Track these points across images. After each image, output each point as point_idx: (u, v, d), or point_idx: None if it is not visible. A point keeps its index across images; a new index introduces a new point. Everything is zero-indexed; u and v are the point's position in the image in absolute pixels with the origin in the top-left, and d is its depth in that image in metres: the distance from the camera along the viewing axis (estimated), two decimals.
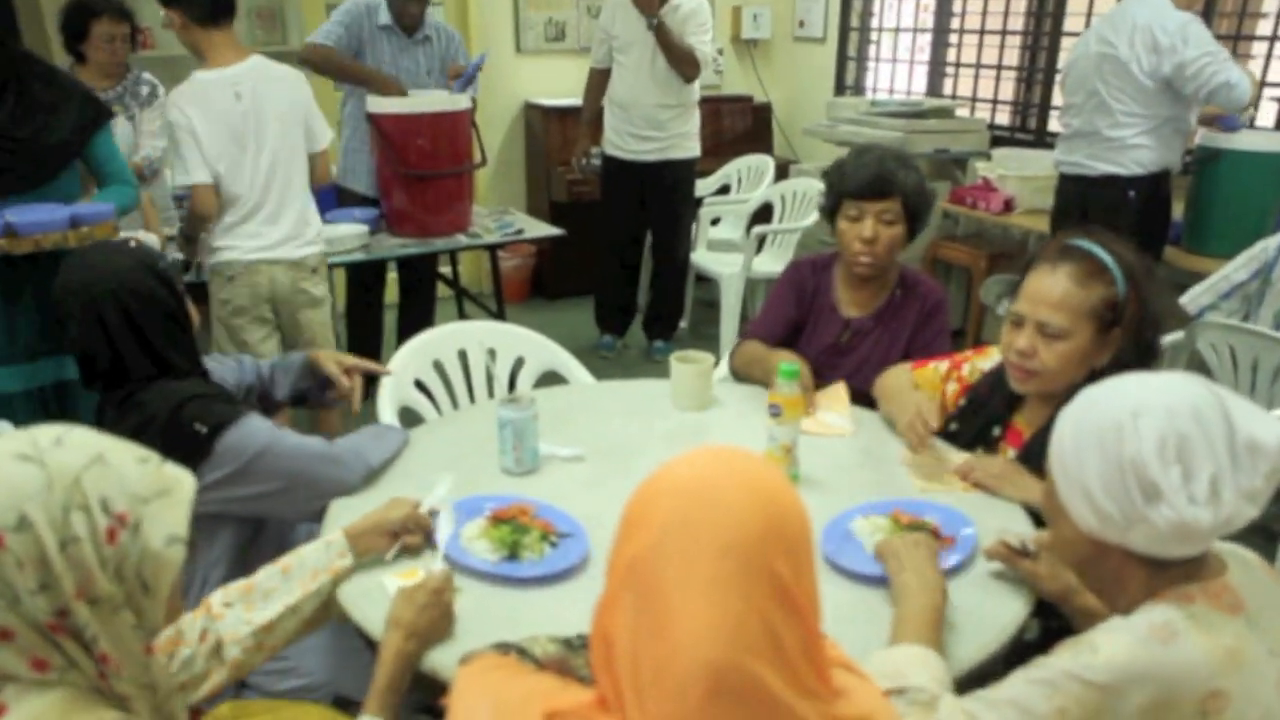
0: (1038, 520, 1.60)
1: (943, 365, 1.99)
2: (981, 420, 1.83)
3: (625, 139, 4.34)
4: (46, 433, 1.01)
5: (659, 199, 4.42)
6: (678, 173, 4.40)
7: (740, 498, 0.85)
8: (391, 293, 4.15)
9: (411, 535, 1.54)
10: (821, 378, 2.14)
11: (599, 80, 4.41)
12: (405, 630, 1.32)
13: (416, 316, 3.99)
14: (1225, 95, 3.12)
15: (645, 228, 4.59)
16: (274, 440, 1.69)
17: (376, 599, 1.43)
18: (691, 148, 4.41)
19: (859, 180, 2.12)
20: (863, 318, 2.22)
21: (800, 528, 0.88)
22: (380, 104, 3.52)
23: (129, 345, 1.69)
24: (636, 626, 0.83)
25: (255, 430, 1.68)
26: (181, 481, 1.07)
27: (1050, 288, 1.64)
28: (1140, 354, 1.65)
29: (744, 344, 2.30)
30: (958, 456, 1.82)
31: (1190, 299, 2.94)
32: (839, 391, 2.09)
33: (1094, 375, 1.63)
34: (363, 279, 3.91)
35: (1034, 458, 1.67)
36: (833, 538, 1.51)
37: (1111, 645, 1.09)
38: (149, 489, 1.02)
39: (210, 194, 2.76)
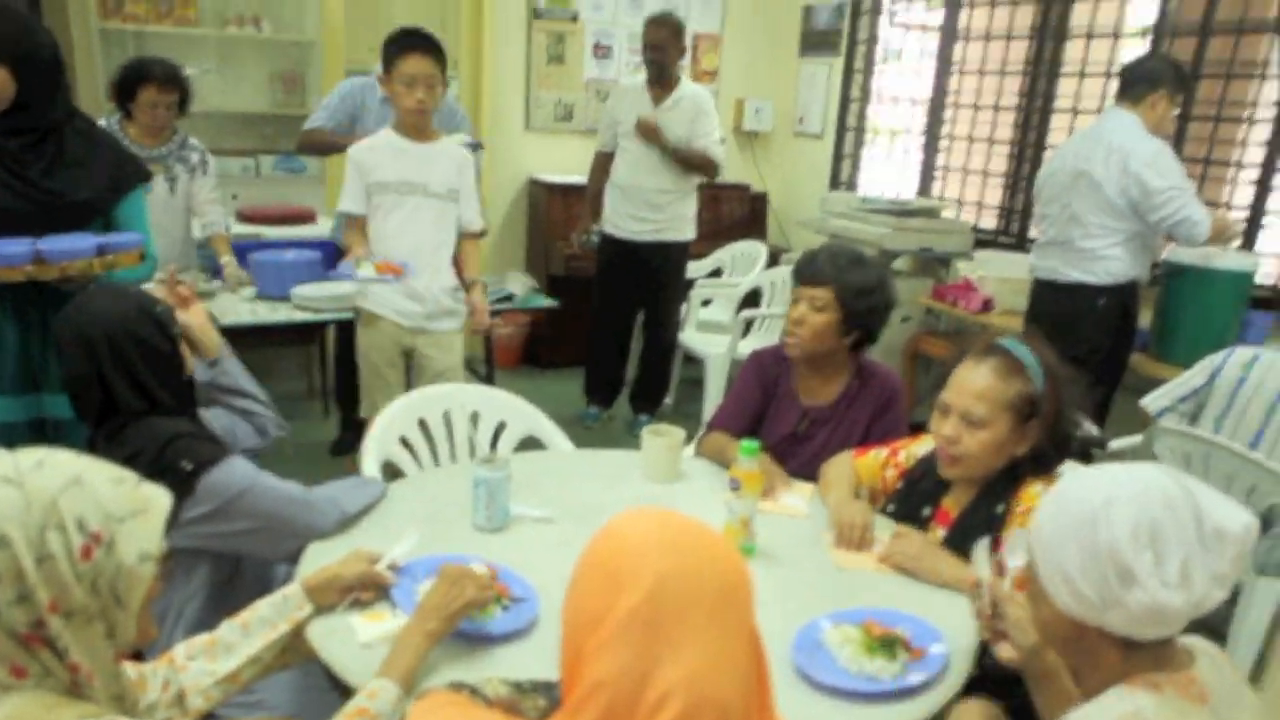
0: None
1: (882, 452, 2.12)
2: (915, 501, 1.95)
3: (624, 219, 4.51)
4: (29, 456, 1.10)
5: (652, 278, 4.58)
6: (672, 254, 4.57)
7: (716, 554, 0.98)
8: None
9: (365, 592, 1.62)
10: (781, 465, 2.24)
11: (603, 162, 4.60)
12: (443, 618, 1.46)
13: None
14: (1186, 230, 3.28)
15: (637, 305, 4.73)
16: (254, 482, 1.78)
17: (344, 639, 1.52)
18: (687, 231, 4.58)
19: (801, 268, 2.30)
20: (820, 406, 2.34)
21: (751, 583, 1.01)
22: None
23: (119, 383, 1.78)
24: (635, 668, 0.91)
25: (237, 471, 1.77)
26: (156, 500, 1.15)
27: (974, 380, 1.80)
28: (1056, 446, 1.77)
29: (710, 435, 2.42)
30: (883, 532, 1.92)
31: (1150, 400, 3.07)
32: (799, 483, 2.20)
33: (1013, 464, 1.79)
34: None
35: (959, 538, 1.81)
36: (804, 647, 1.53)
37: None
38: (124, 509, 1.11)
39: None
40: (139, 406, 1.81)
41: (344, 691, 1.48)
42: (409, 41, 2.83)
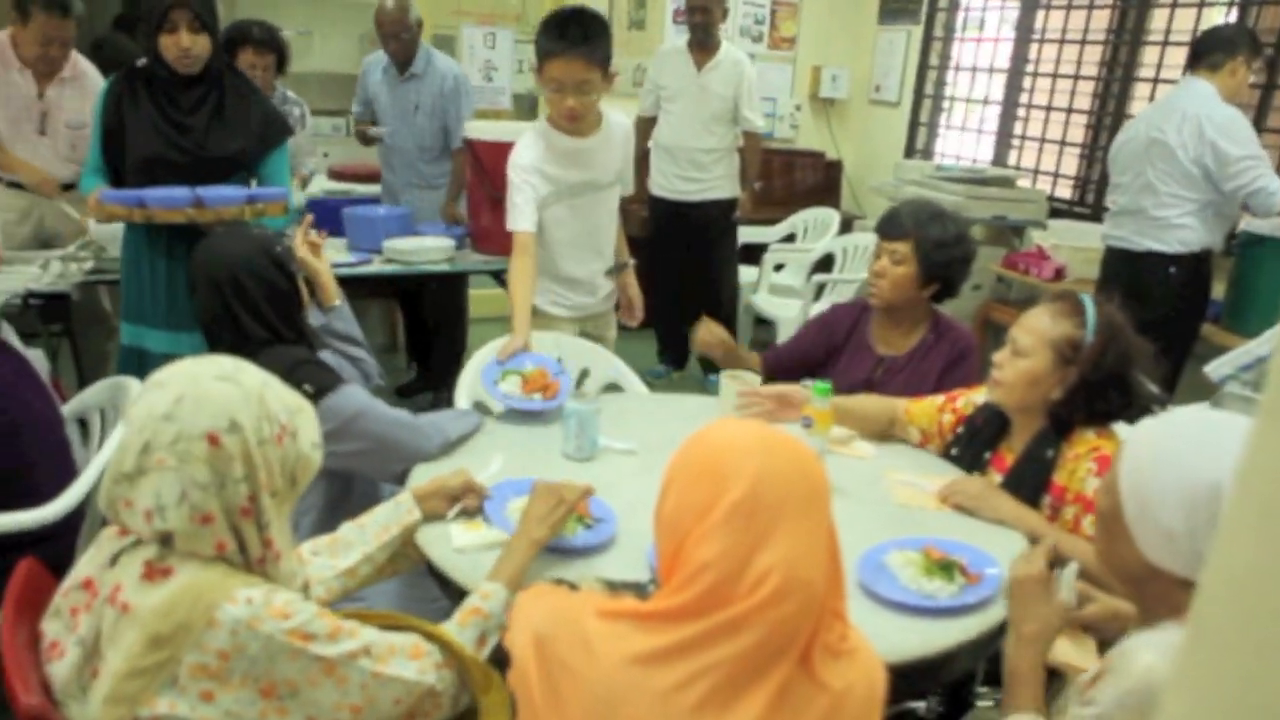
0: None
1: (938, 399, 2.24)
2: (975, 447, 2.07)
3: (671, 180, 4.66)
4: (224, 362, 1.29)
5: (702, 238, 4.72)
6: (719, 210, 4.71)
7: (803, 455, 1.13)
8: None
9: (469, 500, 1.79)
10: None
11: (646, 127, 4.75)
12: (546, 526, 1.60)
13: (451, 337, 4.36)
14: (1262, 201, 3.30)
15: (691, 264, 4.85)
16: (368, 407, 1.95)
17: (443, 544, 1.70)
18: (731, 188, 4.71)
19: (883, 220, 2.42)
20: (895, 356, 2.45)
21: (829, 483, 1.15)
22: (476, 130, 3.83)
23: (245, 315, 1.97)
24: (737, 551, 1.06)
25: (353, 396, 1.95)
26: (307, 403, 1.35)
27: (1032, 316, 1.94)
28: (1106, 400, 1.88)
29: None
30: (945, 478, 2.02)
31: (1213, 368, 3.10)
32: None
33: (1051, 407, 1.91)
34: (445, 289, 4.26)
35: (1016, 481, 1.94)
36: (868, 567, 1.64)
37: (1143, 663, 1.18)
38: (295, 404, 1.32)
39: None
40: (263, 336, 1.99)
41: (450, 596, 1.65)
42: (552, 45, 2.48)
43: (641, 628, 1.09)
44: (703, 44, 4.50)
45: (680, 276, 4.88)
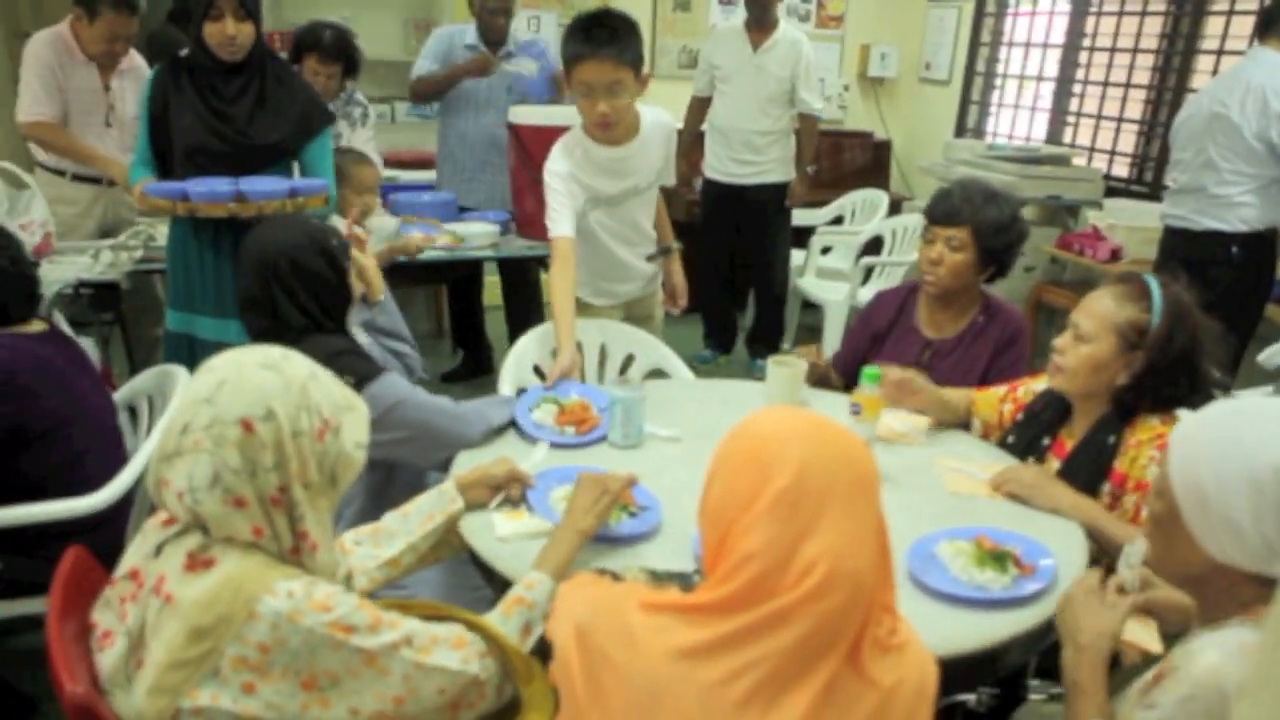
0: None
1: (1001, 389, 2.18)
2: (1033, 432, 2.01)
3: (726, 163, 4.59)
4: (273, 351, 1.29)
5: (756, 221, 4.65)
6: (775, 195, 4.62)
7: (850, 443, 1.10)
8: (494, 295, 4.48)
9: (512, 490, 1.77)
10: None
11: (700, 107, 4.69)
12: (592, 516, 1.58)
13: (524, 316, 4.29)
14: None
15: (745, 249, 4.81)
16: (410, 395, 1.94)
17: (486, 533, 1.69)
18: (786, 171, 4.63)
19: (935, 206, 2.33)
20: (944, 340, 2.39)
21: (878, 471, 1.12)
22: (521, 115, 3.81)
23: (284, 302, 1.96)
24: (783, 541, 1.03)
25: (394, 385, 1.94)
26: (360, 403, 1.34)
27: (1094, 299, 1.86)
28: (1172, 385, 1.81)
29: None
30: (997, 466, 1.96)
31: (1267, 356, 3.01)
32: (914, 415, 2.23)
33: (1115, 393, 1.84)
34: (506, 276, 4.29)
35: (1074, 467, 1.88)
36: (918, 557, 1.60)
37: (1207, 664, 1.14)
38: (345, 402, 1.31)
39: None
40: (300, 324, 1.98)
41: (494, 586, 1.64)
42: (579, 48, 2.40)
43: (686, 620, 1.07)
44: (760, 23, 4.41)
45: (730, 260, 4.83)
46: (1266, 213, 3.38)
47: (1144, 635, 1.41)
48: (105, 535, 2.02)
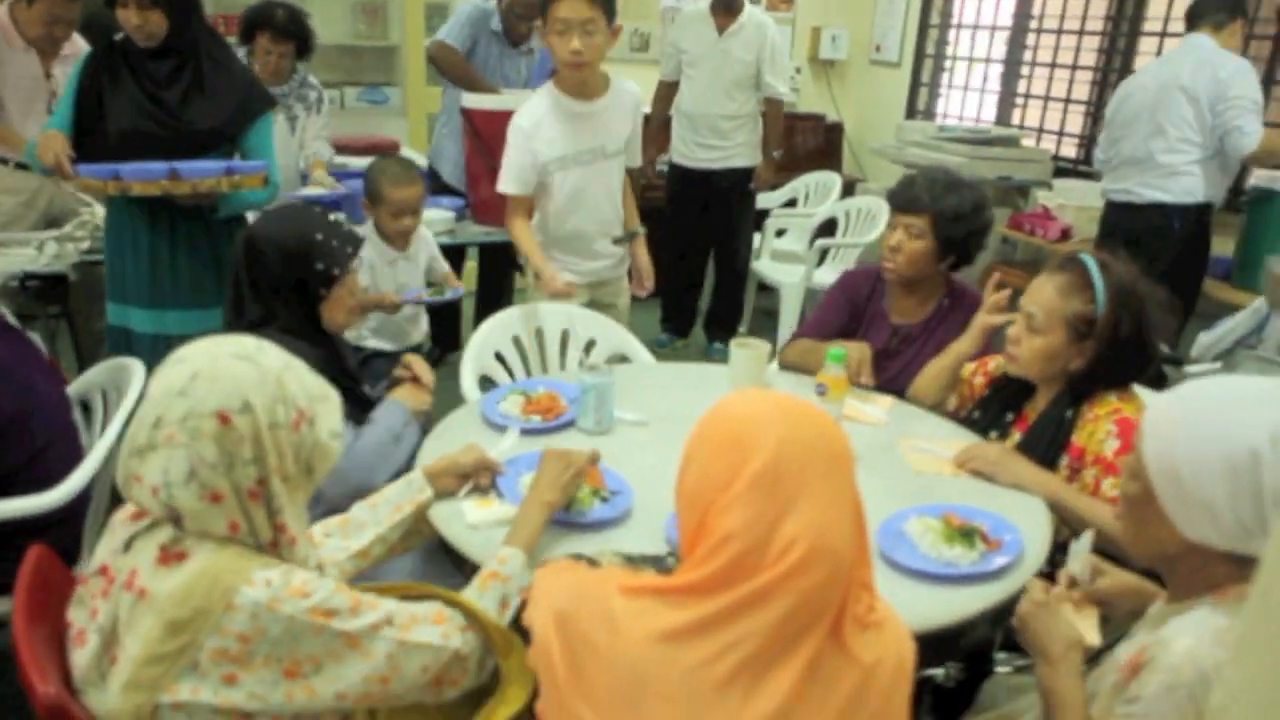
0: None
1: (972, 364, 2.22)
2: (998, 407, 2.06)
3: (692, 147, 4.58)
4: (247, 342, 1.27)
5: (722, 204, 4.65)
6: (740, 180, 4.63)
7: (824, 423, 1.12)
8: (470, 280, 4.43)
9: (481, 478, 1.77)
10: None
11: (667, 92, 4.67)
12: (557, 489, 1.60)
13: (494, 301, 4.26)
14: (1235, 139, 3.35)
15: (708, 232, 4.81)
16: None
17: (456, 520, 1.68)
18: (753, 156, 4.63)
19: (897, 194, 2.35)
20: (910, 325, 2.41)
21: (852, 450, 1.13)
22: (474, 100, 3.78)
23: (247, 288, 1.96)
24: (762, 521, 1.04)
25: None
26: (334, 392, 1.32)
27: (1042, 289, 1.90)
28: (1124, 363, 1.87)
29: (795, 341, 2.51)
30: (960, 444, 1.99)
31: (1212, 341, 3.11)
32: (879, 396, 2.27)
33: (1070, 377, 1.90)
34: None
35: (1033, 441, 1.93)
36: (887, 535, 1.62)
37: (1183, 649, 1.15)
38: (319, 391, 1.29)
39: None
40: (255, 314, 1.96)
41: (464, 573, 1.63)
42: None
43: (667, 603, 1.07)
44: (726, 7, 4.39)
45: (695, 244, 4.84)
46: (1207, 186, 3.50)
47: (1083, 626, 1.44)
48: (63, 533, 1.98)
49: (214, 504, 1.19)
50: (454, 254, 4.10)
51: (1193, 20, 3.55)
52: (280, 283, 1.96)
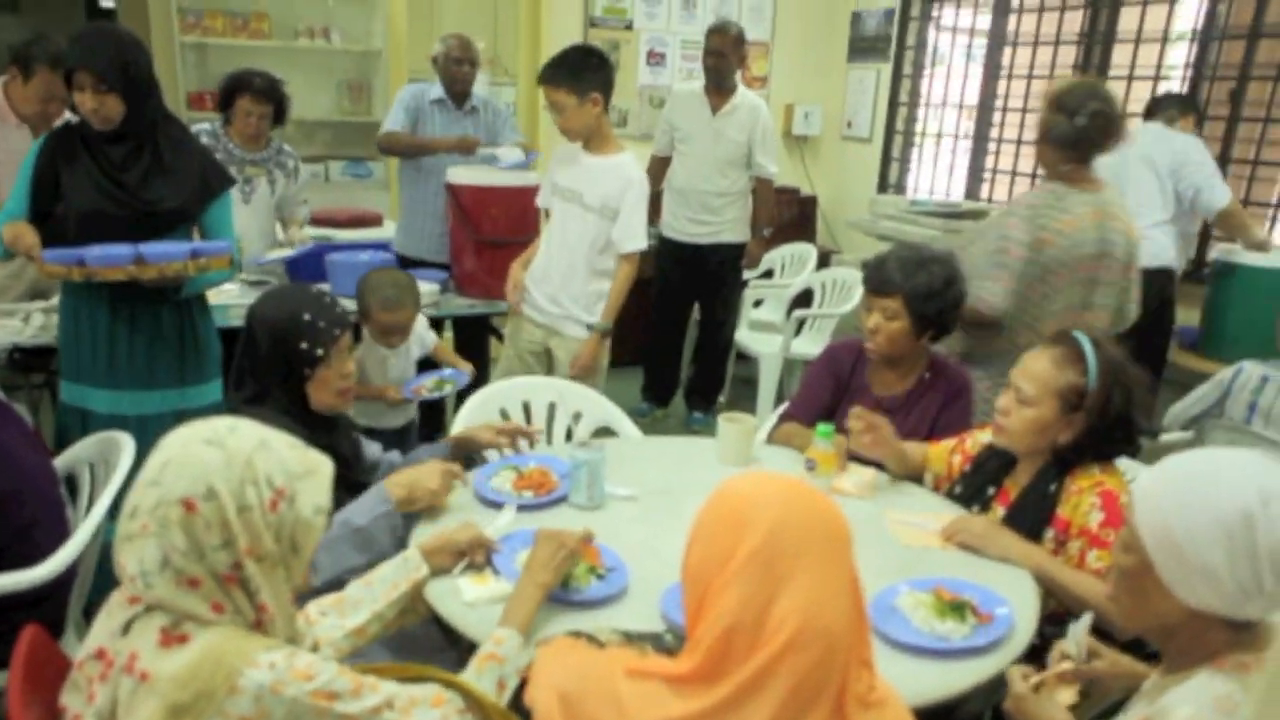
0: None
1: (950, 442, 2.27)
2: (980, 482, 2.10)
3: (682, 222, 4.65)
4: (223, 423, 1.28)
5: (710, 279, 4.72)
6: (729, 255, 4.71)
7: (822, 503, 1.14)
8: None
9: (476, 555, 1.77)
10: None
11: (659, 167, 4.75)
12: (551, 570, 1.61)
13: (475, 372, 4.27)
14: (1207, 197, 3.58)
15: (692, 304, 4.87)
16: None
17: (452, 598, 1.68)
18: (742, 232, 4.72)
19: (870, 276, 2.40)
20: (893, 397, 2.46)
21: (849, 529, 1.16)
22: (459, 175, 3.85)
23: (243, 366, 1.99)
24: (755, 600, 1.06)
25: None
26: (322, 463, 1.32)
27: (1033, 363, 1.95)
28: (1109, 438, 1.91)
29: (783, 425, 2.55)
30: (946, 517, 2.03)
31: (1181, 410, 3.18)
32: (865, 470, 2.28)
33: (1057, 450, 1.94)
34: None
35: (1018, 515, 1.97)
36: (880, 609, 1.63)
37: (1181, 718, 1.17)
38: (300, 468, 1.28)
39: None
40: (251, 391, 1.98)
41: (460, 650, 1.64)
42: (541, 76, 3.05)
43: (673, 691, 1.08)
44: (719, 87, 4.52)
45: (681, 317, 4.89)
46: (1170, 250, 3.67)
47: (1063, 697, 1.46)
48: (49, 609, 1.96)
49: (192, 589, 1.19)
50: (434, 326, 4.14)
51: (1149, 114, 3.82)
52: (268, 362, 1.99)
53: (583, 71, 3.00)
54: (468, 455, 2.30)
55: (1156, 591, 1.24)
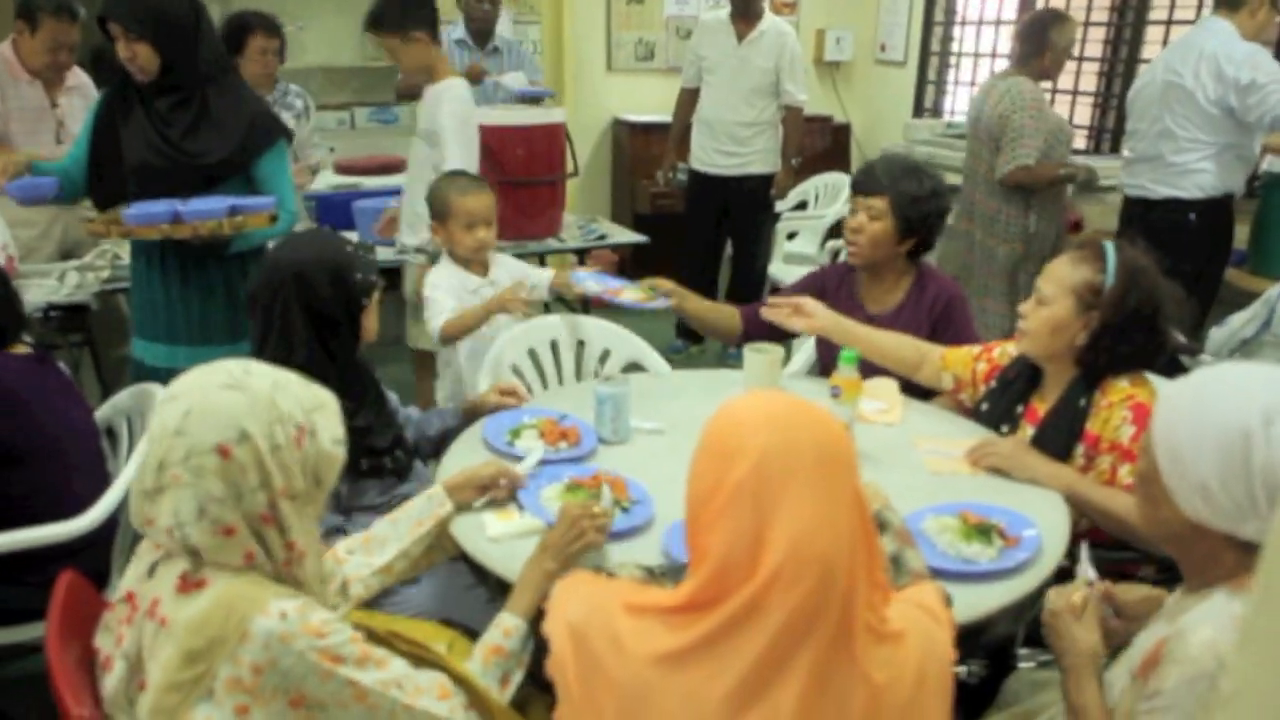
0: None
1: (976, 348, 2.23)
2: (1007, 401, 2.06)
3: (711, 154, 4.59)
4: (234, 365, 1.28)
5: (740, 211, 4.66)
6: (759, 186, 4.64)
7: (816, 424, 1.09)
8: None
9: (498, 490, 1.77)
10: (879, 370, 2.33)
11: (688, 99, 4.67)
12: (562, 558, 1.51)
13: None
14: None
15: (725, 238, 4.82)
16: None
17: (477, 534, 1.69)
18: (772, 162, 4.64)
19: (857, 177, 2.43)
20: (883, 313, 2.44)
21: (853, 452, 1.12)
22: (484, 115, 3.81)
23: (261, 322, 1.95)
24: (745, 533, 1.03)
25: None
26: (328, 396, 1.33)
27: (1055, 265, 1.93)
28: (1118, 343, 1.86)
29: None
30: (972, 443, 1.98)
31: (1224, 338, 3.08)
32: (889, 385, 2.26)
33: (1079, 357, 1.90)
34: None
35: (1048, 432, 1.93)
36: None
37: (1202, 640, 1.15)
38: (312, 402, 1.29)
39: None
40: (276, 352, 1.90)
41: (488, 585, 1.65)
42: (364, 25, 3.21)
43: (666, 624, 1.07)
44: (744, 14, 4.41)
45: (713, 250, 4.85)
46: (1222, 179, 3.43)
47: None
48: (93, 557, 2.01)
49: (228, 537, 1.21)
50: None
51: (1216, 0, 3.46)
52: (331, 304, 1.95)
53: (398, 13, 3.07)
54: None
55: (1164, 499, 1.23)
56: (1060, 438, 1.91)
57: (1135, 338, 1.86)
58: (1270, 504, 1.13)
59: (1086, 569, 1.50)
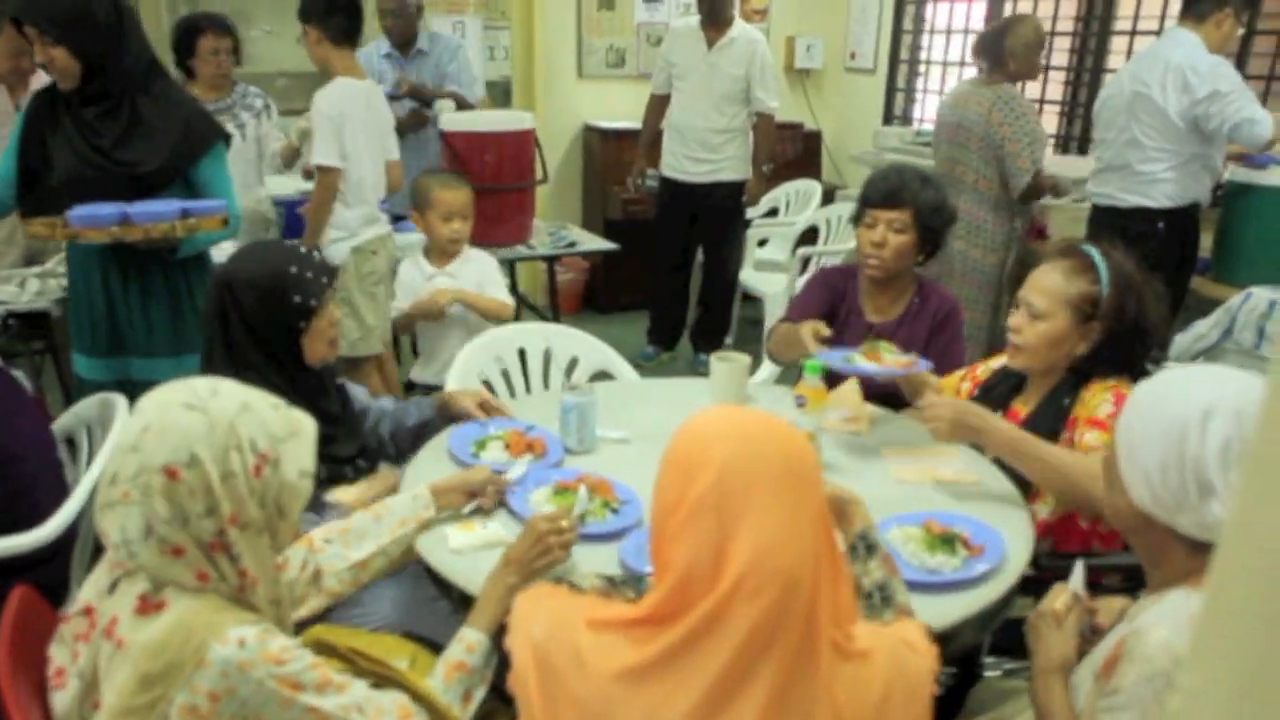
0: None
1: (963, 370, 2.26)
2: (988, 405, 2.05)
3: (681, 160, 4.58)
4: (203, 385, 1.25)
5: (710, 218, 4.66)
6: (729, 193, 4.64)
7: (779, 438, 1.08)
8: None
9: (485, 497, 1.77)
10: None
11: (658, 105, 4.67)
12: (525, 572, 1.49)
13: None
14: (1247, 131, 3.27)
15: (696, 245, 4.82)
16: None
17: (439, 545, 1.68)
18: (742, 169, 4.64)
19: (876, 190, 2.38)
20: (885, 323, 2.44)
21: (818, 467, 1.12)
22: (452, 122, 3.80)
23: (218, 335, 1.92)
24: (707, 547, 1.02)
25: None
26: (306, 424, 1.30)
27: (1042, 276, 1.91)
28: (1123, 350, 1.87)
29: (778, 327, 2.54)
30: (944, 454, 1.98)
31: (1187, 343, 3.12)
32: (850, 391, 2.25)
33: (1078, 364, 1.90)
34: None
35: (1032, 428, 1.91)
36: None
37: (1159, 640, 1.17)
38: (283, 430, 1.26)
39: (338, 177, 3.16)
40: (219, 355, 1.92)
41: (450, 598, 1.63)
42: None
43: (629, 638, 1.07)
44: (713, 21, 4.40)
45: (684, 257, 4.84)
46: (1188, 189, 3.48)
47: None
48: (50, 570, 1.97)
49: (176, 557, 1.18)
50: None
51: (1182, 11, 3.50)
52: (258, 321, 1.92)
53: (301, 7, 3.16)
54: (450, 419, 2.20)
55: (1118, 485, 1.29)
56: (1043, 432, 1.89)
57: (1132, 343, 1.88)
58: (1200, 497, 1.17)
59: (1077, 584, 1.49)
